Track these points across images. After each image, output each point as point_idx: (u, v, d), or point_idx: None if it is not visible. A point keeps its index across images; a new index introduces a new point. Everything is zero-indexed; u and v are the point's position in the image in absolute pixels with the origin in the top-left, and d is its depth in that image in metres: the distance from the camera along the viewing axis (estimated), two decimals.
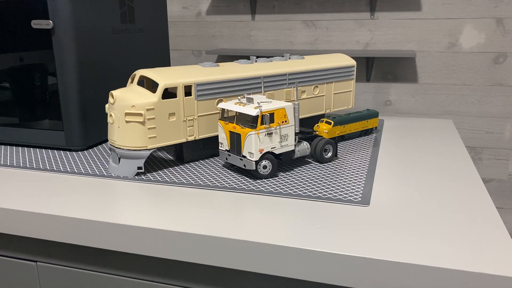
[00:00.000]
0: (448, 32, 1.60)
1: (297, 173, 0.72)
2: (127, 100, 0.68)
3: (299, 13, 1.73)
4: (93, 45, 0.85)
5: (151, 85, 0.79)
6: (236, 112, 0.71)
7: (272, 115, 0.67)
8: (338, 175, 0.71)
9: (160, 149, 0.86)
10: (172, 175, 0.71)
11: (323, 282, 0.49)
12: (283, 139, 0.69)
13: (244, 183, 0.68)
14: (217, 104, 0.75)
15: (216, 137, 0.80)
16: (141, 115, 0.68)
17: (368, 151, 0.83)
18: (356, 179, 0.69)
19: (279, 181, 0.68)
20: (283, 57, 0.89)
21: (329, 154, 0.77)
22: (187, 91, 0.73)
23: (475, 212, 0.57)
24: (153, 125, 0.69)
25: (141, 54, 1.00)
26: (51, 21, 0.78)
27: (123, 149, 0.70)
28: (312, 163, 0.77)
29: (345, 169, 0.73)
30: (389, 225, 0.54)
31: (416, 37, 1.63)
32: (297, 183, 0.67)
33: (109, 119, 0.71)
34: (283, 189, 0.65)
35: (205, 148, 0.79)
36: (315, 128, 0.87)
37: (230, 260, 0.52)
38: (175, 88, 0.71)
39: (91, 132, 0.86)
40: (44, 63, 0.82)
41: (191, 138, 0.74)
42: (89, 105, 0.85)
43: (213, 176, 0.71)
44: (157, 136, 0.70)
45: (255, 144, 0.66)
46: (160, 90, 0.69)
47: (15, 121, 0.87)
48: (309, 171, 0.73)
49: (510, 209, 1.69)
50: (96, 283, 0.63)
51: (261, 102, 0.69)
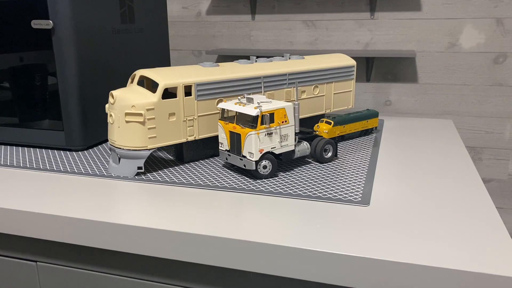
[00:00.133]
0: (448, 32, 1.60)
1: (297, 173, 0.72)
2: (127, 100, 0.68)
3: (299, 13, 1.73)
4: (93, 45, 0.85)
5: (151, 85, 0.79)
6: (236, 112, 0.71)
7: (272, 115, 0.67)
8: (338, 175, 0.71)
9: (160, 149, 0.86)
10: (172, 175, 0.72)
11: (323, 282, 0.49)
12: (283, 139, 0.69)
13: (244, 183, 0.68)
14: (217, 104, 0.75)
15: (216, 137, 0.80)
16: (141, 115, 0.68)
17: (368, 151, 0.83)
18: (356, 179, 0.69)
19: (279, 181, 0.68)
20: (283, 57, 0.89)
21: (329, 154, 0.77)
22: (187, 91, 0.73)
23: (475, 212, 0.57)
24: (153, 125, 0.69)
25: (141, 54, 1.00)
26: (51, 21, 0.78)
27: (123, 149, 0.70)
28: (312, 163, 0.77)
29: (345, 169, 0.73)
30: (389, 225, 0.54)
31: (416, 37, 1.63)
32: (297, 183, 0.67)
33: (109, 119, 0.71)
34: (283, 189, 0.65)
35: (205, 148, 0.79)
36: (315, 128, 0.87)
37: (230, 260, 0.52)
38: (175, 88, 0.71)
39: (91, 132, 0.86)
40: (44, 63, 0.82)
41: (191, 138, 0.74)
42: (89, 105, 0.85)
43: (213, 176, 0.71)
44: (157, 136, 0.70)
45: (255, 144, 0.66)
46: (160, 90, 0.69)
47: (15, 121, 0.87)
48: (309, 171, 0.73)
49: (510, 209, 1.69)
50: (96, 283, 0.63)
51: (261, 102, 0.69)
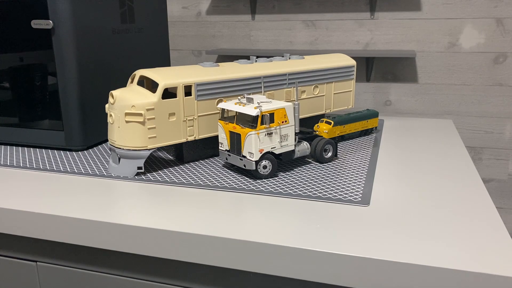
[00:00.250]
0: (448, 32, 1.60)
1: (297, 173, 0.72)
2: (127, 100, 0.68)
3: (299, 13, 1.73)
4: (93, 45, 0.85)
5: (151, 85, 0.79)
6: (236, 112, 0.71)
7: (272, 115, 0.67)
8: (338, 175, 0.71)
9: (160, 149, 0.86)
10: (172, 175, 0.71)
11: (323, 282, 0.49)
12: (283, 139, 0.69)
13: (244, 183, 0.68)
14: (217, 104, 0.75)
15: (216, 137, 0.80)
16: (141, 115, 0.68)
17: (368, 151, 0.83)
18: (356, 179, 0.69)
19: (279, 181, 0.68)
20: (283, 57, 0.89)
21: (329, 154, 0.77)
22: (187, 91, 0.73)
23: (475, 212, 0.57)
24: (153, 125, 0.69)
25: (141, 54, 1.00)
26: (51, 21, 0.78)
27: (123, 149, 0.70)
28: (312, 163, 0.77)
29: (345, 169, 0.73)
30: (389, 225, 0.54)
31: (416, 37, 1.63)
32: (297, 183, 0.67)
33: (109, 119, 0.71)
34: (283, 189, 0.65)
35: (205, 148, 0.79)
36: (315, 128, 0.87)
37: (230, 260, 0.52)
38: (175, 88, 0.71)
39: (91, 132, 0.86)
40: (44, 63, 0.82)
41: (191, 138, 0.74)
42: (89, 105, 0.85)
43: (213, 176, 0.71)
44: (157, 136, 0.70)
45: (255, 144, 0.66)
46: (160, 90, 0.69)
47: (15, 121, 0.87)
48: (309, 171, 0.73)
49: (510, 209, 1.69)
50: (96, 283, 0.63)
51: (261, 102, 0.69)
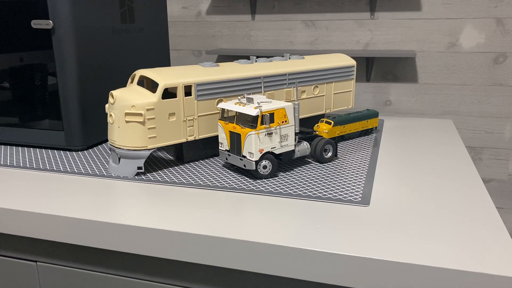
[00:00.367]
0: (448, 32, 1.60)
1: (297, 173, 0.72)
2: (127, 100, 0.68)
3: (299, 13, 1.73)
4: (93, 45, 0.85)
5: (151, 85, 0.79)
6: (236, 112, 0.71)
7: (272, 115, 0.67)
8: (338, 175, 0.71)
9: (160, 149, 0.86)
10: (172, 175, 0.71)
11: (323, 282, 0.49)
12: (283, 139, 0.69)
13: (244, 183, 0.68)
14: (217, 104, 0.75)
15: (216, 137, 0.80)
16: (141, 115, 0.68)
17: (368, 151, 0.83)
18: (356, 179, 0.69)
19: (279, 181, 0.68)
20: (283, 57, 0.89)
21: (329, 154, 0.77)
22: (187, 91, 0.73)
23: (475, 212, 0.57)
24: (153, 125, 0.69)
25: (141, 54, 1.00)
26: (51, 21, 0.78)
27: (123, 149, 0.70)
28: (312, 163, 0.77)
29: (345, 169, 0.73)
30: (389, 225, 0.54)
31: (416, 37, 1.63)
32: (297, 183, 0.67)
33: (109, 119, 0.71)
34: (283, 189, 0.65)
35: (205, 148, 0.79)
36: (315, 128, 0.87)
37: (230, 260, 0.52)
38: (175, 88, 0.71)
39: (91, 132, 0.86)
40: (44, 63, 0.82)
41: (191, 138, 0.74)
42: (89, 105, 0.85)
43: (213, 176, 0.71)
44: (157, 136, 0.70)
45: (255, 144, 0.66)
46: (160, 90, 0.69)
47: (15, 121, 0.87)
48: (309, 171, 0.73)
49: (510, 209, 1.69)
50: (96, 283, 0.63)
51: (261, 102, 0.69)
